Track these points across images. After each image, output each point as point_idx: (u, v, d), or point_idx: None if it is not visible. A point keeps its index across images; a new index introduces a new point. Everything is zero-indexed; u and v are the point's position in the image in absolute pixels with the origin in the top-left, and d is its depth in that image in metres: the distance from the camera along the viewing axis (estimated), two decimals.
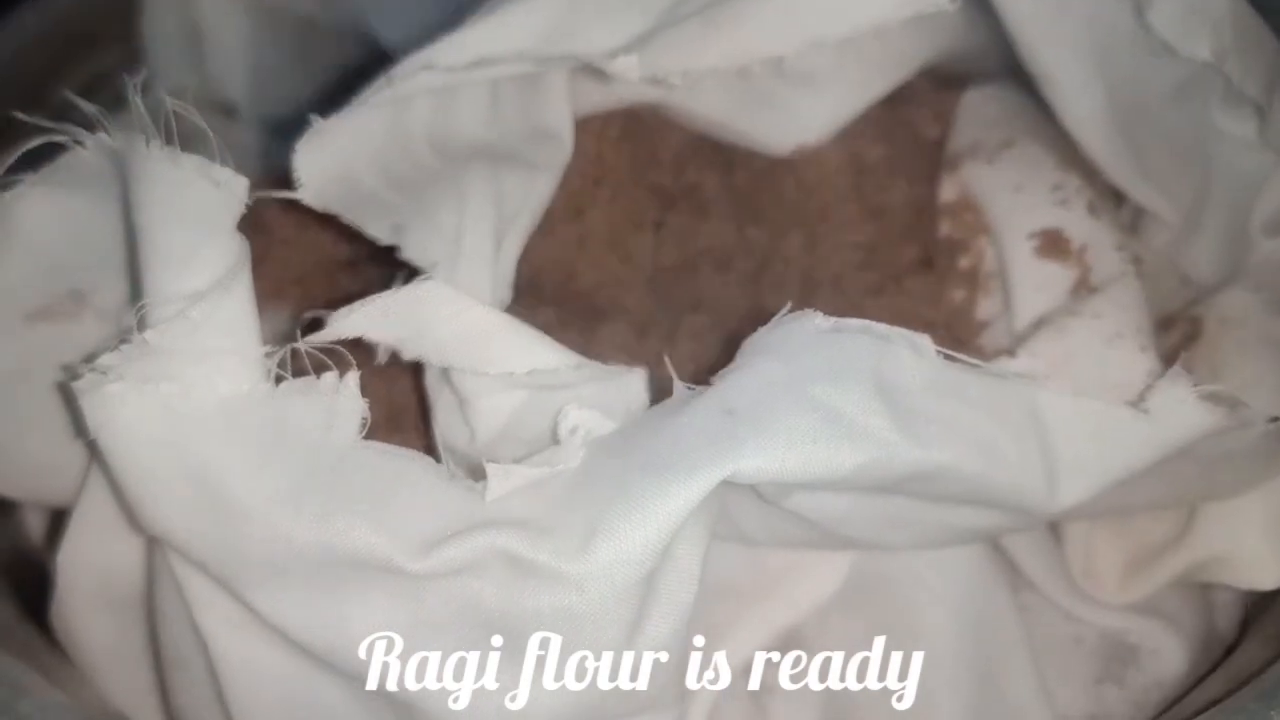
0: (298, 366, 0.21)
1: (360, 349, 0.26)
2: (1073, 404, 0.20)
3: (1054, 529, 0.25)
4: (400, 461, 0.19)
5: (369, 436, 0.20)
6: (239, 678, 0.21)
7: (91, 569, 0.24)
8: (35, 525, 0.29)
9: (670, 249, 0.28)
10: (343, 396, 0.20)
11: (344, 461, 0.19)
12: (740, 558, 0.22)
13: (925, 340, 0.19)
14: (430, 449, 0.22)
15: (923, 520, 0.21)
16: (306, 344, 0.20)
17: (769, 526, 0.21)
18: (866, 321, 0.19)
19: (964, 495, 0.20)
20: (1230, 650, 0.26)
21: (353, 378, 0.20)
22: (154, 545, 0.22)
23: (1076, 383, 0.21)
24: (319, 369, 0.20)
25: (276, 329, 0.29)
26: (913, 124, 0.29)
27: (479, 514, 0.19)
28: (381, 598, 0.19)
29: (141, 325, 0.20)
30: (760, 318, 0.22)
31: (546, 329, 0.25)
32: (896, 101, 0.30)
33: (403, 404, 0.24)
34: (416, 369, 0.25)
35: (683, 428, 0.18)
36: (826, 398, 0.18)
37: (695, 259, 0.28)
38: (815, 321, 0.19)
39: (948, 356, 0.19)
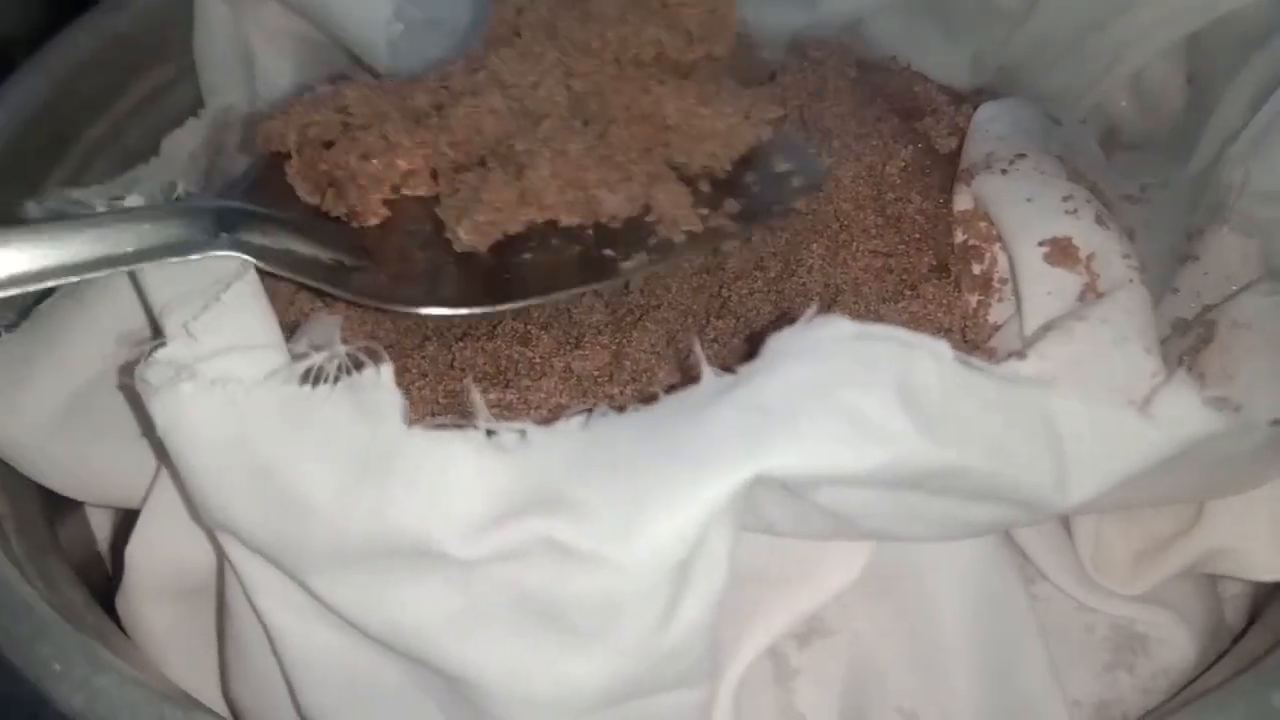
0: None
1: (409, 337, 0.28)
2: (1082, 406, 0.21)
3: (1065, 522, 0.26)
4: (444, 443, 0.20)
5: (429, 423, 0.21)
6: (301, 658, 0.22)
7: (159, 560, 0.25)
8: (100, 523, 0.31)
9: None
10: (381, 391, 0.21)
11: (393, 452, 0.20)
12: (766, 547, 0.23)
13: (944, 346, 0.20)
14: None
15: (940, 514, 0.22)
16: (347, 348, 0.22)
17: (794, 518, 0.22)
18: (890, 328, 0.20)
19: (978, 491, 0.21)
20: (1237, 640, 0.27)
21: (387, 372, 0.21)
22: (216, 538, 0.24)
23: (1085, 384, 0.22)
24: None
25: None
26: (929, 137, 0.31)
27: (524, 487, 0.20)
28: (434, 582, 0.20)
29: (176, 326, 0.22)
30: (784, 322, 0.23)
31: (593, 328, 0.27)
32: (913, 116, 0.31)
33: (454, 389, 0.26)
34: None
35: (719, 423, 0.20)
36: (853, 400, 0.19)
37: (722, 266, 0.29)
38: (841, 326, 0.20)
39: (964, 361, 0.20)
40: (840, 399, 0.20)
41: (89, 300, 0.26)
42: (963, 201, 0.28)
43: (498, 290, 0.27)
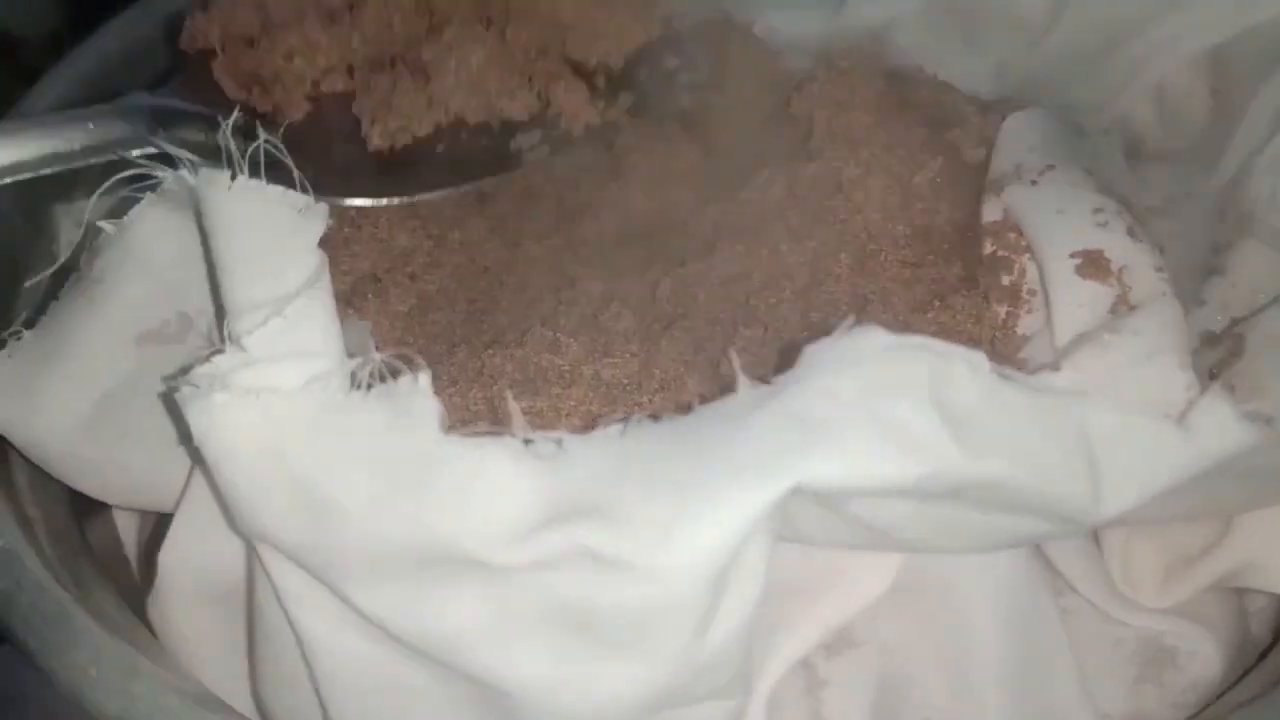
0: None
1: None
2: (1117, 418, 0.21)
3: (1094, 535, 0.26)
4: (482, 451, 0.20)
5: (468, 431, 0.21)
6: (332, 665, 0.22)
7: (192, 565, 0.25)
8: (126, 526, 0.31)
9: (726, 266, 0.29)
10: (419, 398, 0.21)
11: (431, 459, 0.20)
12: (797, 558, 0.23)
13: (980, 357, 0.20)
14: None
15: (973, 526, 0.22)
16: (382, 355, 0.22)
17: (827, 529, 0.22)
18: (925, 338, 0.20)
19: (1013, 504, 0.21)
20: (1265, 654, 0.27)
21: (425, 379, 0.21)
22: (250, 545, 0.24)
23: (1118, 397, 0.22)
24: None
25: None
26: (957, 148, 0.31)
27: (562, 496, 0.20)
28: (470, 590, 0.20)
29: (234, 336, 0.22)
30: (812, 331, 0.23)
31: (621, 336, 0.27)
32: (942, 126, 0.31)
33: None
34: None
35: (757, 433, 0.20)
36: (890, 411, 0.20)
37: (749, 275, 0.29)
38: (877, 337, 0.20)
39: (1000, 373, 0.20)
40: (877, 410, 0.20)
41: (98, 299, 0.26)
42: (992, 212, 0.28)
43: (412, 182, 0.30)
